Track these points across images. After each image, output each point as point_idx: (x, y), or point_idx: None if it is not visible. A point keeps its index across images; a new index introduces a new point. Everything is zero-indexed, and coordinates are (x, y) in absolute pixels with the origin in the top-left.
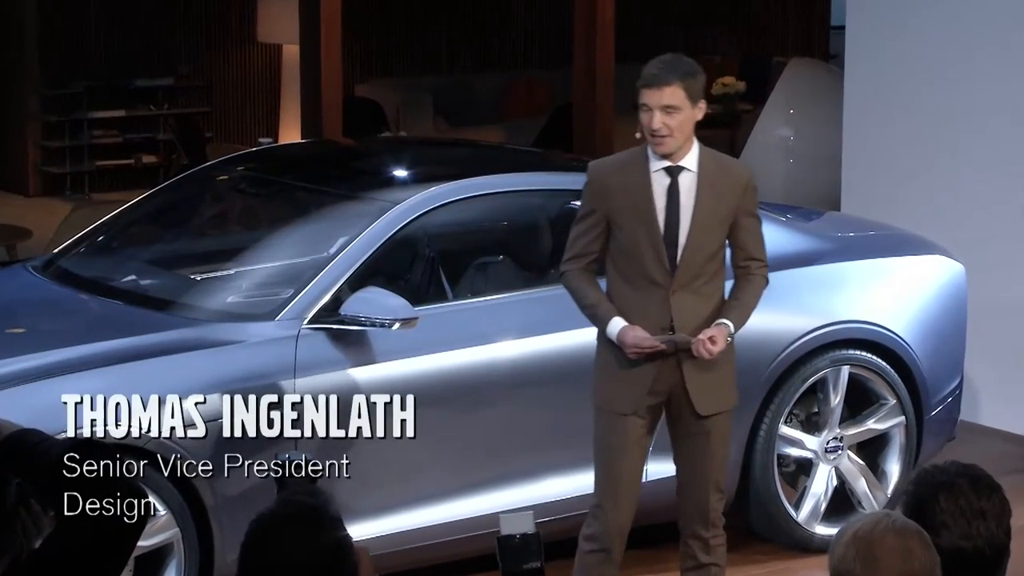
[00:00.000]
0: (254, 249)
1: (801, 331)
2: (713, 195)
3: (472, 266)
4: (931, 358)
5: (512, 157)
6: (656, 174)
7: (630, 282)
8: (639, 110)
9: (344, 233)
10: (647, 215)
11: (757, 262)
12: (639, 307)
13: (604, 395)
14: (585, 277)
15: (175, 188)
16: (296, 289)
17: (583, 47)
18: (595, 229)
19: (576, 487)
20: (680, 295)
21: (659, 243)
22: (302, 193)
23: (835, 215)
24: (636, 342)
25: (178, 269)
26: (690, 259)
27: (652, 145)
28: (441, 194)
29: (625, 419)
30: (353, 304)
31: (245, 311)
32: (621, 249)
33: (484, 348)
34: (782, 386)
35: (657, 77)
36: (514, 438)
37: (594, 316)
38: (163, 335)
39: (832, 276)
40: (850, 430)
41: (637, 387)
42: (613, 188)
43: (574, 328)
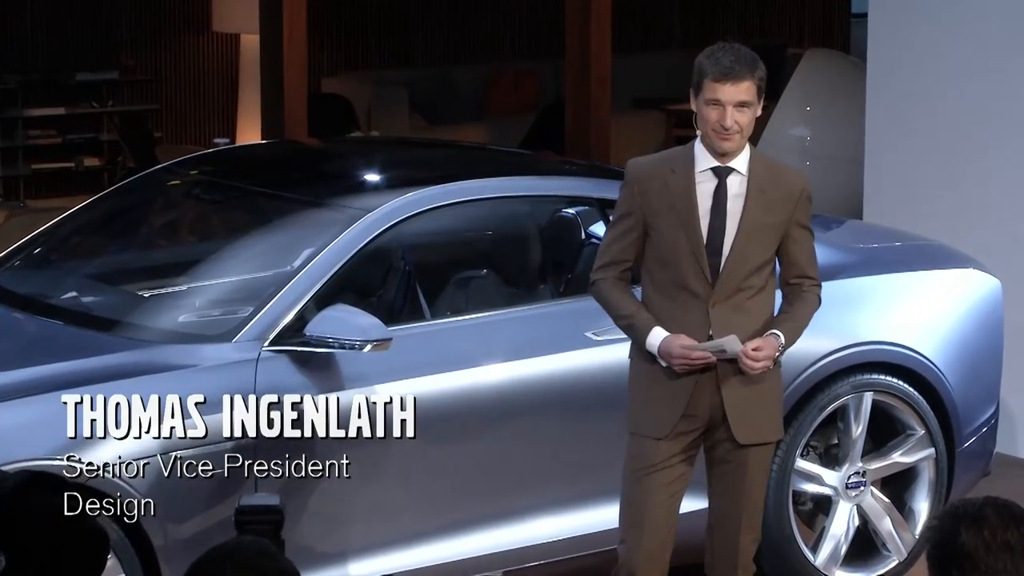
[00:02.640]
0: (209, 262)
1: (819, 353)
2: (764, 202)
3: (452, 281)
4: (964, 383)
5: (497, 159)
6: (702, 175)
7: (666, 293)
8: (700, 103)
9: (309, 244)
10: (689, 219)
11: (810, 280)
12: (675, 321)
13: (636, 418)
14: (620, 287)
15: (120, 194)
16: (256, 307)
17: (576, 36)
18: (631, 234)
19: (570, 527)
20: (720, 309)
21: (700, 251)
22: (262, 200)
23: (856, 224)
24: (684, 352)
25: (124, 285)
26: (733, 270)
27: (716, 142)
28: (418, 201)
29: (657, 444)
30: (319, 324)
31: (199, 332)
32: (658, 256)
33: (466, 373)
34: (798, 415)
35: (734, 70)
36: (499, 474)
37: (631, 327)
38: (107, 359)
39: (853, 292)
40: (874, 464)
41: (671, 409)
42: (653, 188)
43: (567, 350)
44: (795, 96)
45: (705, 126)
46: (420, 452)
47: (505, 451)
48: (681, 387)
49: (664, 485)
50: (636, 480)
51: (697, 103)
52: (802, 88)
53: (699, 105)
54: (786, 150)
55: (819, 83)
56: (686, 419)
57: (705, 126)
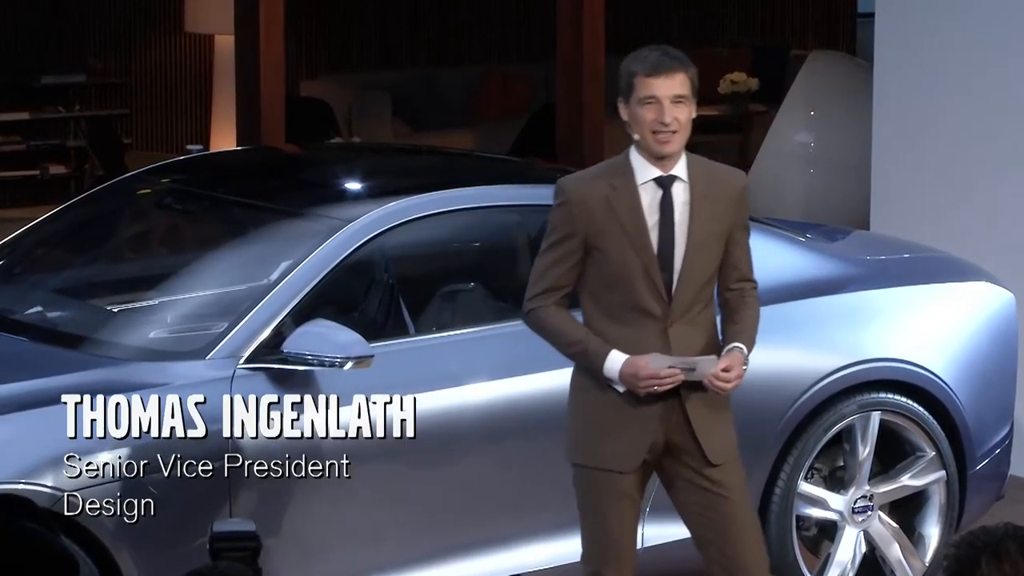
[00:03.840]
0: (181, 276)
1: (824, 371)
2: (708, 207)
3: (438, 295)
4: (976, 403)
5: (484, 166)
6: (644, 187)
7: (616, 317)
8: (633, 105)
9: (287, 256)
10: (638, 235)
11: (751, 283)
12: (630, 345)
13: (592, 451)
14: (561, 313)
15: (88, 204)
16: (231, 323)
17: (568, 35)
18: (571, 257)
19: (559, 554)
20: (678, 327)
21: (653, 268)
22: (238, 209)
23: (863, 234)
24: (653, 373)
25: (92, 299)
26: (688, 284)
27: (655, 145)
28: (401, 210)
29: (621, 476)
30: (298, 340)
31: (171, 348)
32: (605, 278)
33: (452, 392)
34: (801, 436)
35: (666, 64)
36: (487, 499)
37: (583, 354)
38: (74, 377)
39: (860, 306)
40: (881, 487)
41: (639, 438)
42: (593, 206)
43: (558, 368)
44: (798, 100)
45: (642, 128)
46: (403, 475)
47: (493, 474)
48: (648, 414)
49: (633, 517)
50: (604, 514)
51: (629, 108)
52: (805, 91)
53: (632, 109)
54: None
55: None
56: (652, 446)
57: (642, 128)
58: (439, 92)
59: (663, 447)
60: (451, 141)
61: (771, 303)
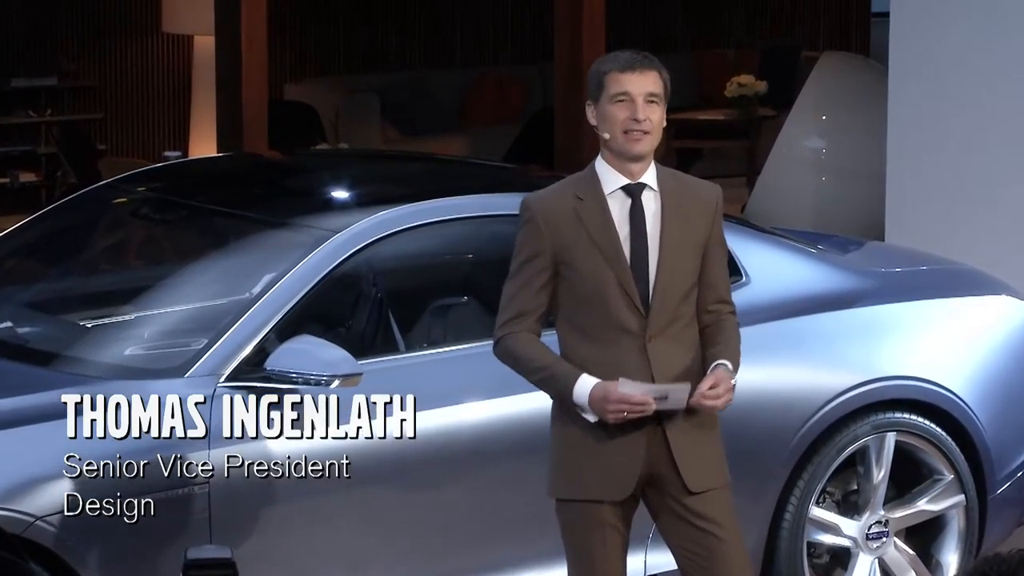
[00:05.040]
0: (158, 289)
1: (836, 390)
2: (681, 218)
3: (429, 309)
4: (997, 423)
5: (478, 174)
6: (613, 196)
7: (592, 336)
8: (604, 104)
9: (270, 269)
10: (610, 247)
11: (728, 306)
12: (608, 365)
13: (575, 483)
14: (532, 340)
15: (60, 213)
16: (211, 338)
17: (567, 36)
18: (540, 277)
19: None
20: (658, 343)
21: (628, 280)
22: (218, 219)
23: (877, 245)
24: (623, 397)
25: (64, 314)
26: (664, 295)
27: (627, 144)
28: (390, 220)
29: (605, 507)
30: (282, 357)
31: (148, 366)
32: (577, 297)
33: (444, 411)
34: (813, 458)
35: (639, 61)
36: (482, 524)
37: (551, 380)
38: (45, 396)
39: (874, 321)
40: (897, 512)
41: (628, 466)
42: (561, 220)
43: None
44: (809, 104)
45: (613, 127)
46: (393, 499)
47: (488, 498)
48: (634, 442)
49: (618, 548)
50: (589, 546)
51: (599, 108)
52: (817, 95)
53: (603, 109)
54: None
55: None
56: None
57: (613, 127)
58: (430, 95)
59: (647, 477)
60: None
61: (780, 318)
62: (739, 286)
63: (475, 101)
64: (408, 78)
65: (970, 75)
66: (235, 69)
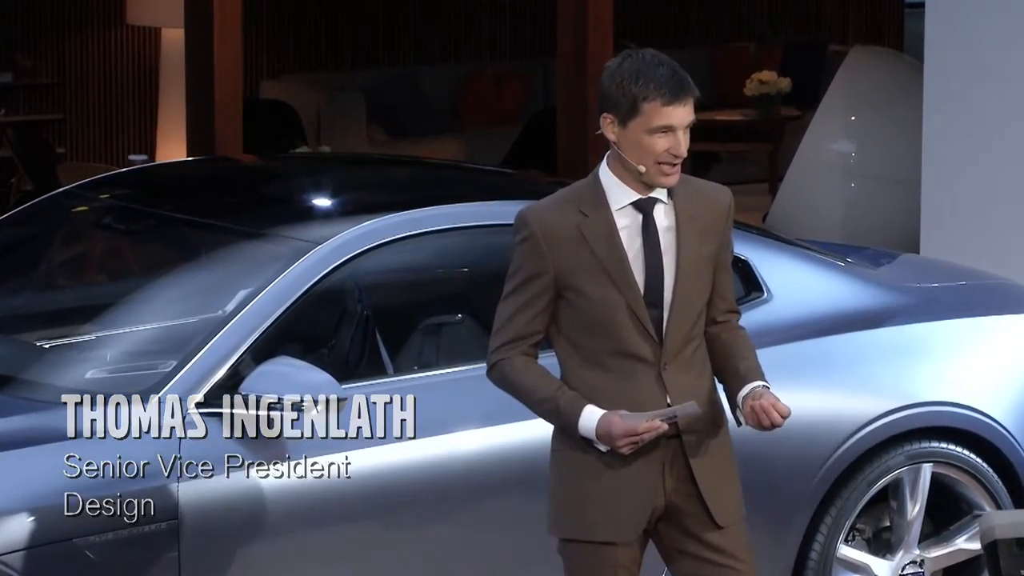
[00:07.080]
0: (123, 306)
1: (867, 417)
2: (697, 230)
3: (420, 328)
4: None
5: (474, 180)
6: (621, 212)
7: (600, 364)
8: (638, 131)
9: (245, 284)
10: (620, 272)
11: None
12: (617, 396)
13: (582, 523)
14: (531, 365)
15: (15, 223)
16: (180, 360)
17: (570, 30)
18: (540, 300)
19: None
20: (672, 370)
21: (640, 305)
22: (188, 230)
23: (912, 258)
24: (628, 429)
25: (20, 333)
26: (680, 319)
27: (658, 177)
28: (377, 231)
29: (617, 549)
30: (258, 380)
31: (111, 389)
32: (583, 322)
33: (436, 440)
34: (841, 492)
35: (684, 89)
36: (474, 565)
37: (555, 411)
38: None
39: (908, 342)
40: (933, 551)
41: (640, 503)
42: (563, 238)
43: None
44: (837, 104)
45: (646, 158)
46: (383, 535)
47: (483, 534)
48: (646, 474)
49: None
50: None
51: (627, 133)
52: (846, 94)
53: (634, 135)
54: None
55: (866, 87)
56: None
57: (646, 158)
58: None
59: (663, 511)
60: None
61: (806, 337)
62: (760, 303)
63: (470, 100)
64: (397, 74)
65: (1015, 71)
66: (207, 64)
